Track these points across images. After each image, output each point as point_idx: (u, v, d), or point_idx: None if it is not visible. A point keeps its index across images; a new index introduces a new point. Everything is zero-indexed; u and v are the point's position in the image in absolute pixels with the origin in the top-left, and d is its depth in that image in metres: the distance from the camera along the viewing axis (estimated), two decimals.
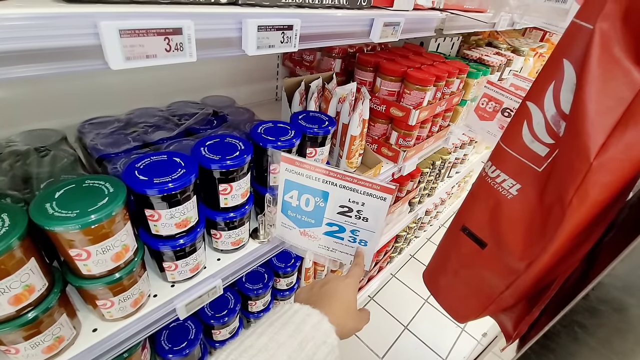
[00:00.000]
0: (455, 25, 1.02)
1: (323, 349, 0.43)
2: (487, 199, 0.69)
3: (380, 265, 1.93)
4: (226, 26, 0.44)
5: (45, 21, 0.30)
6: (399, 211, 1.66)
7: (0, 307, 0.41)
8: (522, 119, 0.60)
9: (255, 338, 0.41)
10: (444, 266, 0.87)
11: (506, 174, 0.64)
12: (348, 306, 0.53)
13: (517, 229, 0.63)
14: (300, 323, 0.44)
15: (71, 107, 0.80)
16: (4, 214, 0.41)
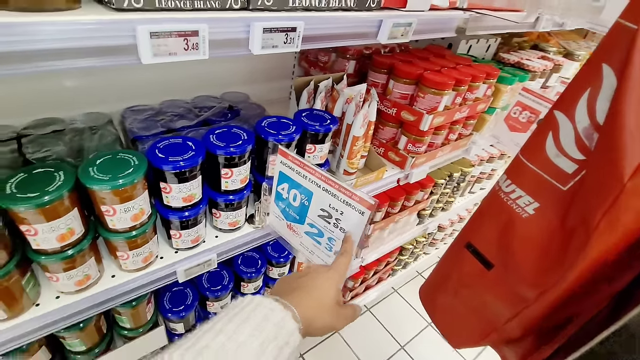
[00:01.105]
0: (481, 25, 1.05)
1: (285, 350, 0.42)
2: (498, 216, 0.67)
3: (381, 276, 2.02)
4: (235, 28, 0.59)
5: (103, 25, 0.47)
6: (404, 221, 1.75)
7: (50, 242, 0.61)
8: (547, 130, 0.58)
9: (212, 336, 0.40)
10: (443, 284, 0.85)
11: (523, 190, 0.62)
12: (323, 301, 0.51)
13: (531, 252, 0.60)
14: (262, 320, 0.43)
15: (118, 96, 1.03)
16: (60, 171, 0.60)
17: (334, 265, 0.57)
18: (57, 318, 0.68)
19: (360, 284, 1.83)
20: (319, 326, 0.50)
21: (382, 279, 2.10)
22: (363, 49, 1.33)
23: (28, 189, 0.56)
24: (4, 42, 0.42)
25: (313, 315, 0.49)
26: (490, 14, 1.03)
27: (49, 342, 0.79)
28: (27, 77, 0.86)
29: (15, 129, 0.81)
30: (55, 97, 0.92)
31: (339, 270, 0.56)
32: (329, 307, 0.51)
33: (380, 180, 1.24)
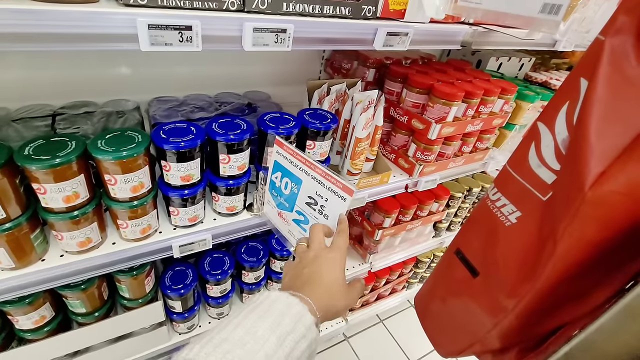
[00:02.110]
0: (488, 40, 1.05)
1: (302, 343, 0.42)
2: (484, 223, 0.66)
3: (394, 287, 1.93)
4: (228, 27, 0.63)
5: (110, 18, 0.53)
6: (418, 231, 1.66)
7: (57, 202, 0.66)
8: (530, 141, 0.57)
9: (231, 330, 0.40)
10: (434, 290, 0.84)
11: (507, 199, 0.61)
12: (334, 287, 0.52)
13: (511, 261, 0.59)
14: (279, 314, 0.43)
15: (150, 86, 1.11)
16: (73, 141, 0.66)
17: (334, 246, 0.58)
18: (58, 274, 0.73)
19: (370, 291, 1.76)
20: (334, 312, 0.51)
21: (396, 290, 2.00)
22: (384, 59, 1.34)
23: (43, 153, 0.62)
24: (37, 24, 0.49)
25: (327, 304, 0.50)
26: (496, 30, 1.00)
27: (54, 300, 0.86)
28: (68, 64, 0.96)
29: (53, 107, 0.91)
30: (93, 83, 1.02)
31: (340, 250, 0.57)
32: (340, 292, 0.52)
33: (386, 184, 1.21)
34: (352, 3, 0.76)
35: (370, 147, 1.15)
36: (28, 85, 0.93)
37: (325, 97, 1.08)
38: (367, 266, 1.58)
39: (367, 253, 1.56)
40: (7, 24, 0.47)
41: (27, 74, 0.92)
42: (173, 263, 1.10)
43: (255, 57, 1.26)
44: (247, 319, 0.42)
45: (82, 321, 0.90)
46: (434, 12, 0.85)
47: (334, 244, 0.58)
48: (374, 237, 1.47)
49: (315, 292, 0.50)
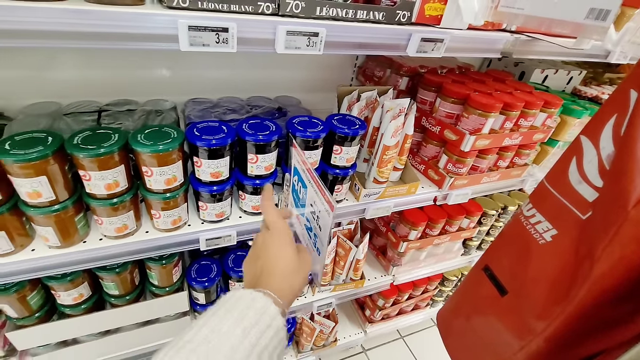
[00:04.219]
0: (531, 50, 0.96)
1: (268, 332, 0.42)
2: (516, 240, 0.63)
3: (418, 303, 1.81)
4: (263, 29, 0.63)
5: (153, 20, 0.55)
6: (446, 247, 1.55)
7: (99, 189, 0.70)
8: (571, 155, 0.54)
9: (195, 331, 0.40)
10: (459, 307, 0.80)
11: (543, 215, 0.57)
12: (288, 267, 0.52)
13: (543, 281, 0.55)
14: (244, 309, 0.43)
15: (186, 88, 1.16)
16: (116, 134, 0.70)
17: (272, 227, 0.56)
18: (97, 255, 0.77)
19: (391, 304, 1.67)
20: (297, 290, 0.51)
21: (419, 307, 1.88)
22: (418, 67, 1.29)
23: (89, 143, 0.66)
24: (91, 24, 0.52)
25: (287, 288, 0.49)
26: (540, 38, 0.91)
27: (91, 281, 0.90)
28: (114, 65, 1.03)
29: (100, 104, 0.98)
30: (136, 83, 1.09)
31: (276, 228, 0.55)
32: (295, 269, 0.52)
33: (413, 195, 1.14)
34: (386, 8, 0.74)
35: (398, 156, 1.10)
36: (78, 83, 1.01)
37: (355, 103, 1.05)
38: (390, 278, 1.50)
39: (390, 265, 1.49)
40: (65, 23, 0.51)
41: (78, 73, 1.00)
42: (199, 257, 1.12)
43: (288, 62, 1.27)
44: (212, 318, 0.42)
45: (114, 302, 0.94)
46: (472, 18, 0.79)
47: (271, 224, 0.56)
48: (398, 249, 1.40)
49: (273, 282, 0.49)
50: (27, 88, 0.97)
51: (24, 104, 0.94)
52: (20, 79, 0.95)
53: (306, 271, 0.55)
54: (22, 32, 0.50)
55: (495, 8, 0.83)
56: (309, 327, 1.44)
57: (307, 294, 1.34)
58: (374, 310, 1.67)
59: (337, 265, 1.32)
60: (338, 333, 1.64)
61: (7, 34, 0.49)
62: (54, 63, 0.97)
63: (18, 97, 0.95)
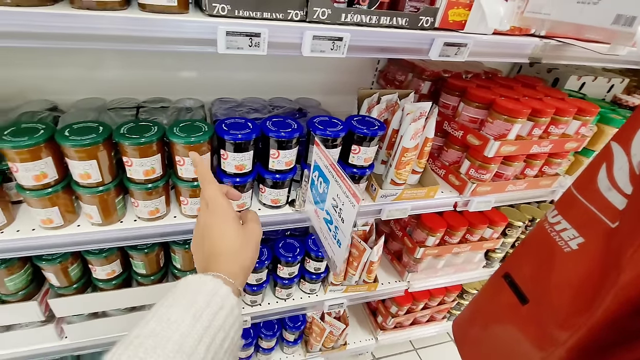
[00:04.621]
0: (564, 55, 0.99)
1: (221, 313, 0.42)
2: (539, 247, 0.64)
3: (433, 314, 1.83)
4: (291, 34, 0.72)
5: (197, 25, 0.66)
6: (466, 257, 1.57)
7: (138, 174, 0.82)
8: (601, 162, 0.54)
9: (143, 324, 0.40)
10: (477, 315, 0.82)
11: (569, 223, 0.58)
12: (234, 243, 0.52)
13: (567, 289, 0.56)
14: (193, 294, 0.43)
15: (213, 88, 1.29)
16: (155, 126, 0.82)
17: (210, 204, 0.56)
18: (131, 235, 0.89)
19: (405, 312, 1.71)
20: (248, 264, 0.52)
21: (435, 318, 1.90)
22: (441, 72, 1.34)
23: (133, 133, 0.78)
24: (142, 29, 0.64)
25: (238, 266, 0.51)
26: (571, 43, 0.93)
27: (123, 259, 1.03)
28: (151, 66, 1.17)
29: (137, 101, 1.13)
30: (169, 83, 1.23)
31: (213, 201, 0.55)
32: (241, 245, 0.52)
33: (432, 199, 1.19)
34: (409, 14, 0.81)
35: (418, 159, 1.16)
36: (119, 82, 1.17)
37: (375, 105, 1.12)
38: (404, 284, 1.54)
39: (405, 271, 1.53)
40: (125, 28, 0.62)
41: (120, 73, 1.16)
42: None
43: (309, 65, 1.37)
44: (160, 309, 0.42)
45: (141, 281, 1.06)
46: (497, 23, 0.84)
47: (211, 201, 0.56)
48: (414, 255, 1.44)
49: (222, 262, 0.50)
50: (78, 85, 1.13)
51: (74, 99, 1.11)
52: (72, 77, 1.12)
53: (255, 242, 0.55)
54: (88, 36, 0.62)
55: (522, 13, 0.88)
56: (319, 326, 1.51)
57: (318, 292, 1.42)
58: (387, 317, 1.71)
59: (350, 265, 1.38)
60: (348, 337, 1.70)
61: (76, 37, 0.61)
62: (101, 64, 1.13)
63: (70, 93, 1.12)
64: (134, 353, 0.36)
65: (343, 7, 0.76)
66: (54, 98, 1.10)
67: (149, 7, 0.66)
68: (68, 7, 0.62)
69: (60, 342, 1.08)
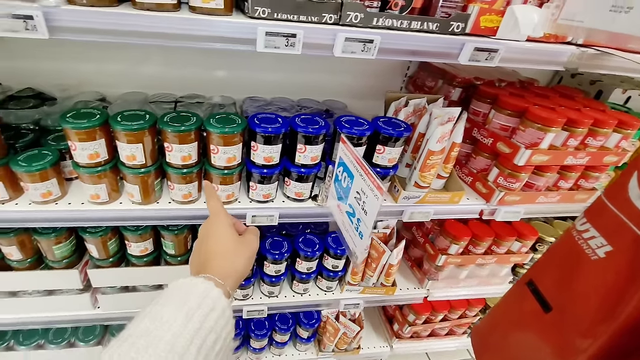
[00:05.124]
0: (603, 64, 1.01)
1: (212, 314, 0.45)
2: (566, 255, 0.66)
3: (453, 327, 1.85)
4: (324, 36, 0.81)
5: (240, 26, 0.77)
6: (491, 270, 1.59)
7: (177, 159, 0.95)
8: (632, 170, 0.56)
9: (136, 324, 0.42)
10: (497, 323, 0.85)
11: (597, 231, 0.60)
12: (228, 251, 0.57)
13: (592, 297, 0.58)
14: (185, 295, 0.46)
15: (245, 87, 1.42)
16: (194, 117, 0.94)
17: (211, 212, 0.64)
18: (165, 215, 1.02)
19: (423, 322, 1.75)
20: (241, 270, 0.57)
21: (455, 332, 1.92)
22: (473, 79, 1.38)
23: (175, 121, 0.91)
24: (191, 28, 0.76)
25: (230, 268, 0.56)
26: (611, 52, 0.95)
27: (155, 238, 1.17)
28: (188, 64, 1.32)
29: (175, 96, 1.29)
30: (204, 81, 1.38)
31: (214, 210, 0.63)
32: (235, 249, 0.58)
33: (456, 204, 1.24)
34: (440, 19, 0.88)
35: (443, 164, 1.21)
36: (159, 78, 1.33)
37: (403, 108, 1.19)
38: (423, 292, 1.59)
39: (425, 278, 1.58)
40: (176, 27, 0.74)
41: (160, 69, 1.32)
42: None
43: (338, 69, 1.47)
44: (153, 309, 0.44)
45: (169, 260, 1.20)
46: (530, 30, 0.89)
47: (212, 210, 0.64)
48: (436, 262, 1.49)
49: (215, 264, 0.54)
50: (123, 80, 1.31)
51: (120, 92, 1.28)
52: (118, 72, 1.30)
53: (250, 251, 0.61)
54: (147, 33, 0.74)
55: (555, 20, 0.92)
56: (333, 326, 1.59)
57: (335, 290, 1.50)
58: (403, 325, 1.76)
59: (369, 267, 1.45)
60: (362, 341, 1.76)
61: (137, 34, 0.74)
62: (143, 61, 1.29)
63: (116, 87, 1.29)
64: (126, 352, 0.39)
65: (375, 11, 0.84)
66: (102, 90, 1.29)
67: (198, 9, 0.78)
68: (130, 8, 0.75)
69: (93, 311, 1.24)
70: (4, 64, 1.23)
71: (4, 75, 1.25)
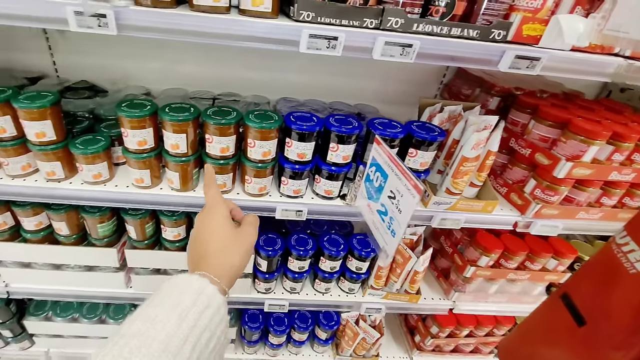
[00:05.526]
0: None
1: (207, 312, 0.47)
2: (603, 268, 0.69)
3: (478, 345, 1.86)
4: (364, 40, 0.89)
5: (285, 28, 0.87)
6: (523, 287, 1.60)
7: (216, 150, 1.06)
8: None
9: (129, 324, 0.43)
10: (526, 335, 0.88)
11: (637, 244, 0.63)
12: (223, 246, 0.59)
13: (628, 311, 0.61)
14: (179, 294, 0.48)
15: (279, 88, 1.54)
16: (234, 111, 1.05)
17: (207, 201, 0.67)
18: (200, 203, 1.14)
19: (447, 336, 1.78)
20: (237, 266, 0.59)
21: (481, 351, 1.93)
22: (512, 89, 1.41)
23: (216, 115, 1.03)
24: (240, 29, 0.86)
25: (226, 265, 0.57)
26: None
27: (188, 225, 1.30)
28: (225, 64, 1.46)
29: (213, 94, 1.43)
30: (240, 81, 1.52)
31: (211, 201, 0.66)
32: (230, 244, 0.60)
33: (489, 214, 1.28)
34: (480, 26, 0.94)
35: (477, 172, 1.25)
36: (198, 76, 1.49)
37: (437, 114, 1.25)
38: (449, 304, 1.62)
39: (451, 289, 1.61)
40: (225, 28, 0.85)
41: (198, 68, 1.48)
42: (266, 230, 1.46)
43: (373, 73, 1.55)
44: (146, 309, 0.46)
45: None
46: (574, 40, 0.92)
47: (209, 201, 0.66)
48: (464, 274, 1.52)
49: (210, 260, 0.56)
50: (165, 76, 1.48)
51: (162, 88, 1.45)
52: (161, 69, 1.47)
53: (247, 245, 0.62)
54: (202, 33, 0.86)
55: (601, 31, 0.94)
56: (353, 330, 1.66)
57: (357, 292, 1.57)
58: (425, 337, 1.80)
59: (393, 272, 1.51)
60: (381, 349, 1.81)
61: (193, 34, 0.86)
62: (183, 59, 1.45)
63: (158, 83, 1.47)
64: (119, 353, 0.40)
65: (416, 17, 0.92)
66: (147, 85, 1.46)
67: (248, 12, 0.88)
68: (188, 9, 0.87)
69: (126, 290, 1.39)
70: (61, 58, 1.43)
71: (61, 68, 1.45)
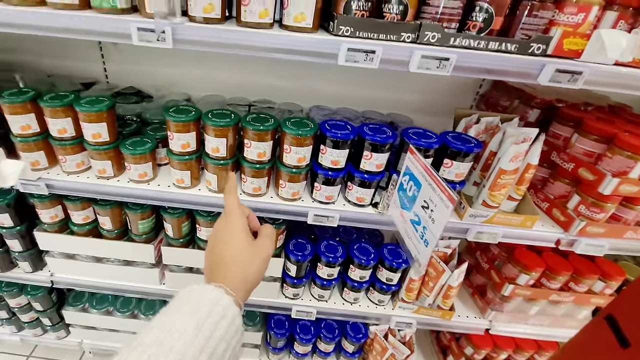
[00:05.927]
0: None
1: (222, 323, 0.49)
2: None
3: None
4: (401, 53, 0.98)
5: (325, 42, 0.98)
6: (567, 310, 1.59)
7: (253, 155, 1.18)
8: None
9: (145, 333, 0.45)
10: (569, 355, 0.92)
11: None
12: (238, 259, 0.61)
13: None
14: (196, 303, 0.50)
15: (312, 97, 1.67)
16: (272, 118, 1.17)
17: (226, 209, 0.69)
18: None
19: (482, 358, 1.78)
20: (252, 278, 0.62)
21: None
22: (554, 101, 1.43)
23: (255, 121, 1.15)
24: (283, 43, 0.98)
25: (241, 277, 0.60)
26: None
27: None
28: (261, 74, 1.62)
29: (249, 100, 1.58)
30: (275, 89, 1.67)
31: (229, 210, 0.68)
32: (246, 257, 0.63)
33: (529, 229, 1.31)
34: (519, 41, 1.00)
35: (516, 185, 1.29)
36: (234, 83, 1.65)
37: (473, 125, 1.30)
38: (485, 323, 1.64)
39: (488, 308, 1.63)
40: (270, 42, 0.97)
41: (234, 76, 1.65)
42: (297, 235, 1.56)
43: (407, 84, 1.65)
44: (163, 318, 0.49)
45: None
46: (617, 54, 0.96)
47: (227, 209, 0.68)
48: (501, 292, 1.54)
49: (226, 271, 0.59)
50: (204, 83, 1.66)
51: (201, 94, 1.62)
52: (200, 77, 1.65)
53: (263, 258, 0.65)
54: (248, 46, 0.99)
55: None
56: (381, 345, 1.71)
57: (387, 305, 1.63)
58: (459, 358, 1.81)
59: (425, 285, 1.56)
60: None
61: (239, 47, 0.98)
62: (221, 67, 1.63)
63: (198, 89, 1.65)
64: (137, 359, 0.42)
65: (453, 32, 1.00)
66: (187, 91, 1.64)
67: (290, 27, 1.00)
68: (235, 25, 1.01)
69: (159, 286, 1.54)
70: (112, 66, 1.66)
71: (111, 74, 1.67)
